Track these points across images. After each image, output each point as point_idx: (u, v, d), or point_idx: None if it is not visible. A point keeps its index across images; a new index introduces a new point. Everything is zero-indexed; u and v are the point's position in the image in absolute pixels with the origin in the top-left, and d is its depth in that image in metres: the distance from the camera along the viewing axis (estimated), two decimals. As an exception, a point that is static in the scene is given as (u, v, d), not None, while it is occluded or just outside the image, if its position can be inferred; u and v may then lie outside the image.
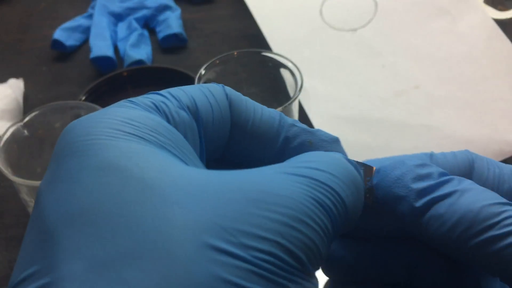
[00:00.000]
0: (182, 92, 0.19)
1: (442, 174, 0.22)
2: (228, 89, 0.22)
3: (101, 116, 0.17)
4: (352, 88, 0.65)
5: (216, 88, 0.21)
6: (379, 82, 0.65)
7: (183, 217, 0.14)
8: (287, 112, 0.54)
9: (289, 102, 0.52)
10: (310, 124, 0.63)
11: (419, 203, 0.21)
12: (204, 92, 0.20)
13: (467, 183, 0.21)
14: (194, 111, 0.19)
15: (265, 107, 0.23)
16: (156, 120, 0.17)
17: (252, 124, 0.22)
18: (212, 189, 0.16)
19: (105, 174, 0.15)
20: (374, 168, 0.23)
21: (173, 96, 0.19)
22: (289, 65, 0.55)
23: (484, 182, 0.23)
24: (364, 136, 0.61)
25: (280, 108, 0.51)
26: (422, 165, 0.22)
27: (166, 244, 0.14)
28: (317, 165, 0.19)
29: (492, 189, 0.23)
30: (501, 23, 0.70)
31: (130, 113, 0.17)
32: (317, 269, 0.18)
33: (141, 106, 0.18)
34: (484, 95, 0.63)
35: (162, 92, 0.19)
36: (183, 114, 0.19)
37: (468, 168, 0.24)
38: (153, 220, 0.14)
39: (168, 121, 0.18)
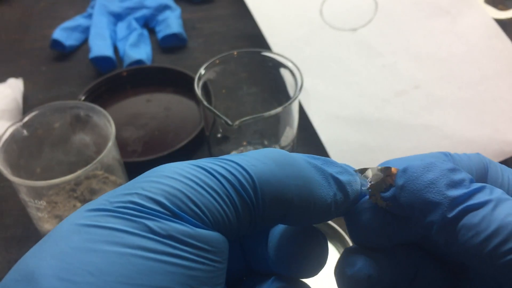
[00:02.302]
0: None
1: (472, 181, 0.21)
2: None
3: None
4: (352, 88, 0.65)
5: None
6: (379, 82, 0.65)
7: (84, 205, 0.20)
8: (287, 112, 0.54)
9: (289, 102, 0.52)
10: (310, 124, 0.63)
11: (454, 212, 0.20)
12: None
13: (499, 192, 0.20)
14: None
15: None
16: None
17: None
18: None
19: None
20: (394, 169, 0.22)
21: None
22: (289, 65, 0.55)
23: (498, 188, 0.22)
24: (364, 136, 0.61)
25: (280, 108, 0.50)
26: (455, 170, 0.21)
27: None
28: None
29: None
30: (501, 22, 0.70)
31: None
32: (204, 223, 0.19)
33: None
34: (484, 95, 0.63)
35: None
36: None
37: (483, 172, 0.23)
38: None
39: None
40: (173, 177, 0.19)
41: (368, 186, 0.23)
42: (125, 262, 0.17)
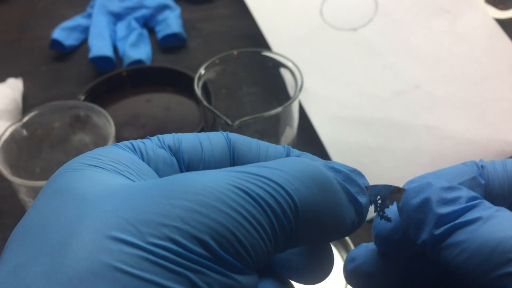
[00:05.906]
0: (171, 136, 0.22)
1: (472, 199, 0.20)
2: (233, 134, 0.23)
3: (82, 155, 0.20)
4: (352, 88, 0.65)
5: (215, 134, 0.22)
6: (379, 82, 0.65)
7: (95, 215, 0.16)
8: (287, 112, 0.53)
9: (289, 102, 0.52)
10: (310, 124, 0.63)
11: (440, 230, 0.20)
12: (199, 136, 0.22)
13: (495, 209, 0.20)
14: (175, 150, 0.21)
15: (272, 145, 0.23)
16: (123, 154, 0.20)
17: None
18: (136, 190, 0.17)
19: (55, 196, 0.18)
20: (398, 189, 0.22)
21: (158, 139, 0.22)
22: (289, 65, 0.55)
23: None
24: (364, 136, 0.61)
25: (280, 108, 0.50)
26: (450, 188, 0.21)
27: (68, 239, 0.15)
28: (270, 164, 0.19)
29: None
30: (502, 22, 0.70)
31: (104, 150, 0.20)
32: (248, 265, 0.17)
33: (119, 146, 0.21)
34: (485, 95, 0.63)
35: (154, 136, 0.22)
36: (160, 151, 0.21)
37: None
38: (67, 223, 0.16)
39: (142, 156, 0.21)
40: (217, 206, 0.16)
41: (379, 203, 0.23)
42: None
